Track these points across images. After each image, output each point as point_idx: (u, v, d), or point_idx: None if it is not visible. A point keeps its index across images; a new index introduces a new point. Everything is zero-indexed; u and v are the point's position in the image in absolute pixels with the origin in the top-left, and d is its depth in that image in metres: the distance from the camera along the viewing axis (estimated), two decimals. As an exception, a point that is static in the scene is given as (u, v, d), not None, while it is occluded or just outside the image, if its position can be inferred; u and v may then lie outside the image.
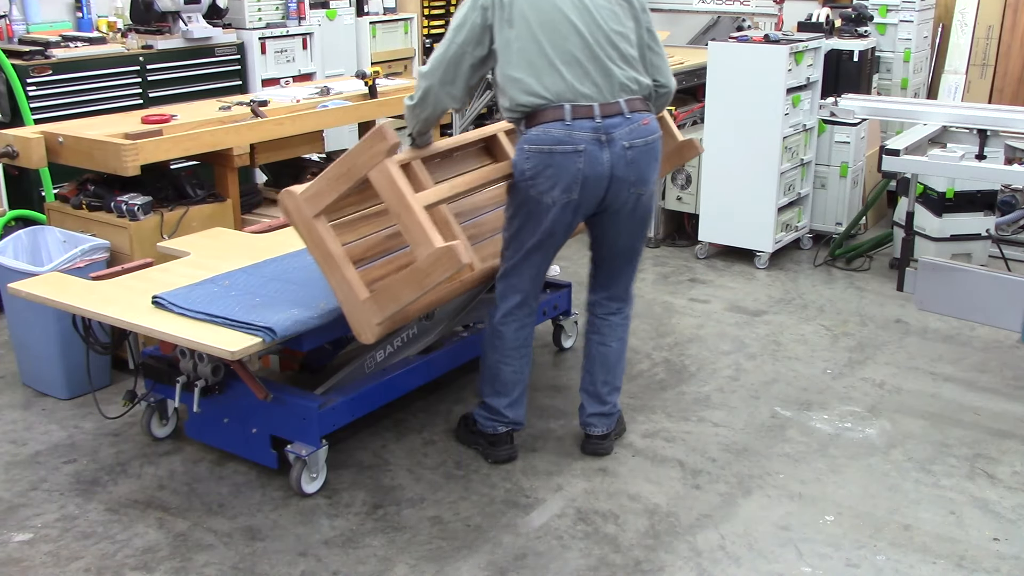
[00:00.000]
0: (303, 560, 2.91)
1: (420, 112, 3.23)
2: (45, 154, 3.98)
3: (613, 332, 3.49)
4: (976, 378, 4.13)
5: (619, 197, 3.19)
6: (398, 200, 2.86)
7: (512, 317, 3.34)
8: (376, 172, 2.86)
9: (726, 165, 5.39)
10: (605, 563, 2.91)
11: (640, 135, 3.15)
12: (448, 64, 3.14)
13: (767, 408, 3.86)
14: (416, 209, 2.84)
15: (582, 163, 3.07)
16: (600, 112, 3.08)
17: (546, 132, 3.07)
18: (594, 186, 3.12)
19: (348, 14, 6.43)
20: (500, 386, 3.40)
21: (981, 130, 4.31)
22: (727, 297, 5.05)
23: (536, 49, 3.06)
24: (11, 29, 5.13)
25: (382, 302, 2.93)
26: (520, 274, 3.30)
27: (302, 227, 2.99)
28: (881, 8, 6.36)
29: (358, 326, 2.99)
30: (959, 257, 4.96)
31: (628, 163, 3.13)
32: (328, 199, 2.95)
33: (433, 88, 3.17)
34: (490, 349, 3.40)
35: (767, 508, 3.20)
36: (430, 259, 2.81)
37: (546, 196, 3.11)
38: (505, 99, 3.14)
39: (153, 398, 3.52)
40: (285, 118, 4.42)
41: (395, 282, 2.92)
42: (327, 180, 2.94)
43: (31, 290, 3.25)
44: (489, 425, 3.44)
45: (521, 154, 3.13)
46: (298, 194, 2.96)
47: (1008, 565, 2.93)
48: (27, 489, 3.28)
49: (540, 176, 3.09)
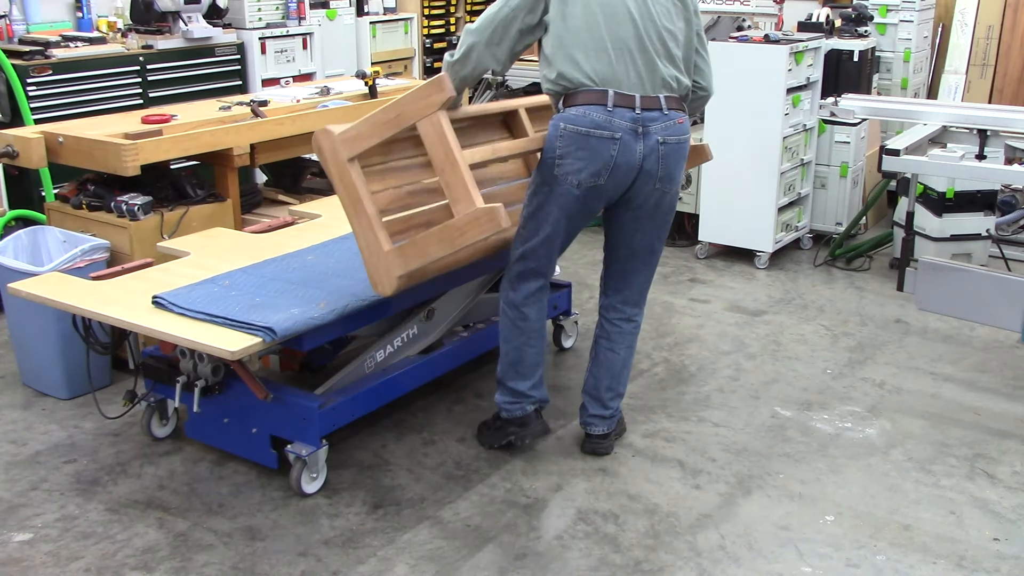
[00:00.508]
0: (303, 560, 2.91)
1: (460, 69, 3.19)
2: (45, 154, 3.97)
3: (623, 339, 3.47)
4: (976, 378, 4.13)
5: (643, 191, 3.19)
6: (445, 154, 2.80)
7: (535, 299, 3.34)
8: (427, 123, 2.80)
9: (726, 165, 5.38)
10: (605, 563, 2.91)
11: (674, 133, 3.16)
12: (498, 25, 3.13)
13: (767, 408, 3.86)
14: (462, 166, 2.80)
15: (616, 151, 3.07)
16: (640, 104, 3.09)
17: (585, 114, 3.06)
18: (623, 175, 3.12)
19: (348, 14, 6.43)
20: (524, 368, 3.39)
21: (981, 130, 4.31)
22: (727, 297, 5.05)
23: (590, 29, 3.07)
24: (11, 29, 5.13)
25: (409, 255, 2.89)
26: (538, 256, 3.29)
27: (334, 168, 2.92)
28: (881, 8, 6.36)
29: (377, 276, 2.95)
30: (959, 257, 4.96)
31: (660, 158, 3.14)
32: (368, 143, 2.89)
33: (478, 46, 3.15)
34: (514, 333, 3.36)
35: (767, 508, 3.20)
36: (469, 217, 2.78)
37: (572, 176, 3.10)
38: (551, 71, 3.13)
39: (153, 398, 3.52)
40: (285, 118, 4.41)
41: (427, 238, 2.87)
42: (371, 124, 2.87)
43: (31, 290, 3.25)
44: (517, 409, 3.43)
45: (555, 131, 3.11)
46: (336, 134, 2.89)
47: (1008, 565, 2.93)
48: (27, 489, 3.28)
49: (570, 156, 3.08)
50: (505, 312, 3.39)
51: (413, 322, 3.69)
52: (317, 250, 3.63)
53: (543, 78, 3.19)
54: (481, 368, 4.04)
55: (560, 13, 3.09)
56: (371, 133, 2.88)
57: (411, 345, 3.69)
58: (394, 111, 2.86)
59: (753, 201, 5.37)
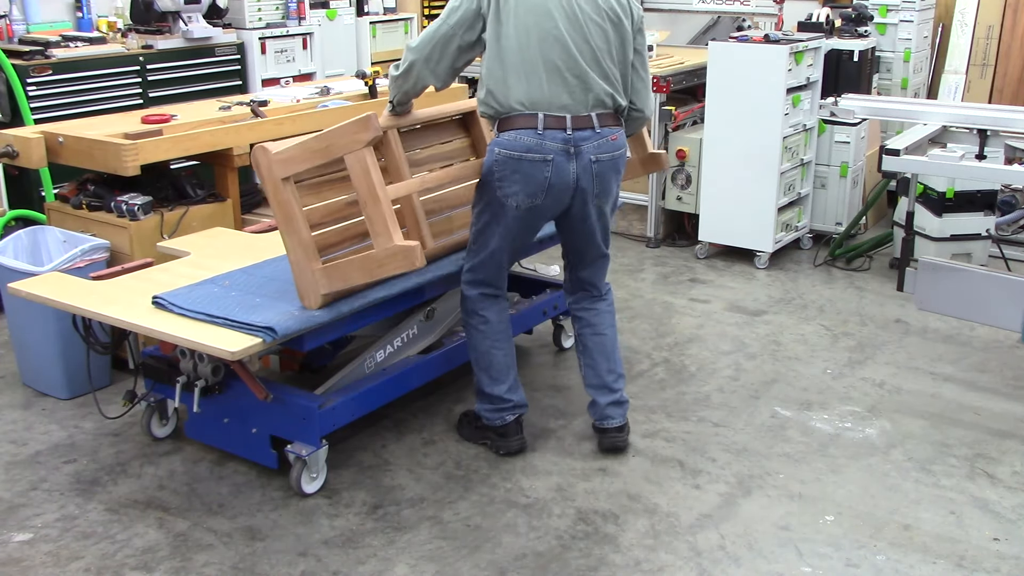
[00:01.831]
0: (303, 560, 2.91)
1: (402, 84, 3.32)
2: (45, 154, 3.98)
3: (603, 320, 3.54)
4: (976, 378, 4.13)
5: (582, 209, 3.29)
6: (368, 190, 2.93)
7: (489, 302, 3.43)
8: (352, 158, 2.94)
9: (726, 165, 5.39)
10: (605, 563, 2.91)
11: (607, 150, 3.23)
12: (437, 42, 3.21)
13: (767, 408, 3.86)
14: (384, 202, 2.93)
15: (549, 172, 3.16)
16: (572, 124, 3.16)
17: (518, 138, 3.15)
18: (559, 194, 3.22)
19: (348, 14, 6.43)
20: (496, 372, 3.44)
21: (981, 130, 4.31)
22: (727, 297, 5.05)
23: (522, 51, 3.12)
24: (11, 29, 5.13)
25: (333, 277, 3.04)
26: (486, 269, 3.39)
27: (269, 185, 3.05)
28: (881, 8, 6.35)
29: (304, 291, 3.09)
30: (959, 257, 4.96)
31: (593, 176, 3.22)
32: (299, 167, 3.03)
33: (417, 63, 3.24)
34: (479, 337, 3.44)
35: (767, 508, 3.20)
36: (387, 252, 2.92)
37: (511, 199, 3.20)
38: (482, 91, 3.21)
39: (153, 398, 3.52)
40: (285, 118, 4.41)
41: (349, 264, 3.02)
42: (303, 150, 3.01)
43: (31, 290, 3.25)
44: (496, 417, 3.47)
45: (491, 156, 3.22)
46: (272, 153, 3.02)
47: (1008, 565, 2.93)
48: (27, 489, 3.28)
49: (507, 180, 3.19)
50: (466, 320, 3.48)
51: (413, 322, 3.69)
52: (317, 250, 3.63)
53: (477, 97, 3.28)
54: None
55: (495, 33, 3.15)
56: (302, 158, 3.02)
57: (411, 345, 3.69)
58: (324, 142, 2.99)
59: (753, 201, 5.37)
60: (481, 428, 3.53)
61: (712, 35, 7.22)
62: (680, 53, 6.63)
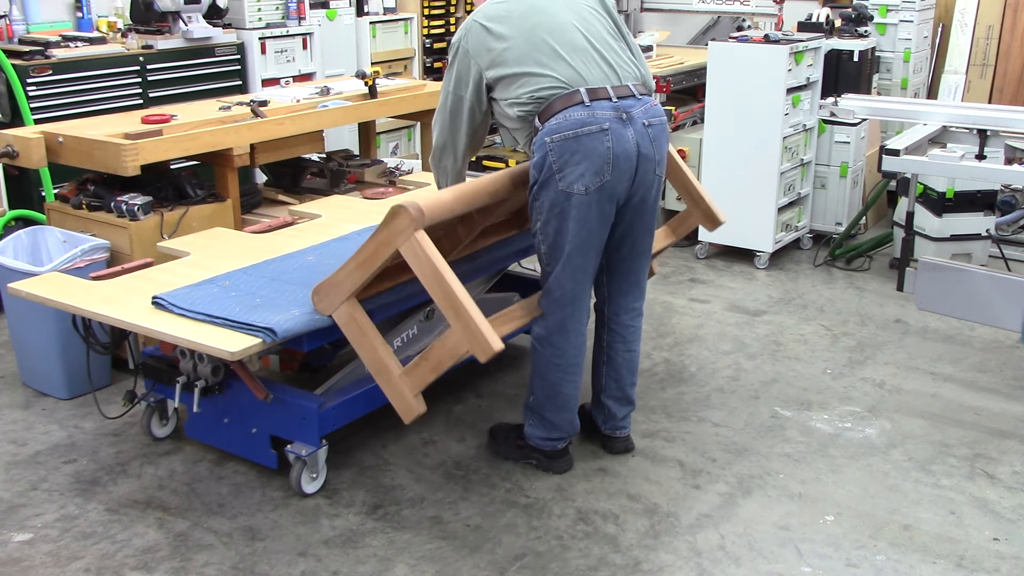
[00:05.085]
0: (303, 560, 2.91)
1: (443, 160, 3.30)
2: (45, 154, 3.98)
3: (636, 336, 3.45)
4: (976, 378, 4.13)
5: (646, 179, 3.13)
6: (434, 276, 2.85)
7: (566, 329, 3.19)
8: (407, 247, 2.83)
9: (726, 165, 5.39)
10: (605, 563, 2.91)
11: (655, 115, 3.14)
12: (449, 114, 3.21)
13: (767, 408, 3.86)
14: (461, 296, 2.81)
15: (610, 141, 2.99)
16: (615, 94, 3.05)
17: (567, 117, 2.98)
18: (624, 165, 3.02)
19: (348, 14, 6.42)
20: (562, 401, 3.27)
21: (981, 130, 4.31)
22: (727, 297, 5.05)
23: (538, 45, 3.06)
24: (11, 29, 5.12)
25: (415, 378, 2.97)
26: (562, 285, 3.13)
27: (338, 320, 3.02)
28: (881, 8, 6.36)
29: (395, 399, 3.01)
30: (959, 257, 4.96)
31: (651, 141, 3.10)
32: (353, 287, 2.97)
33: (444, 136, 3.25)
34: (550, 368, 3.22)
35: (767, 508, 3.20)
36: (477, 350, 2.82)
37: (576, 184, 2.98)
38: (516, 106, 3.08)
39: (153, 398, 3.52)
40: (285, 118, 4.41)
41: (428, 364, 2.95)
42: (348, 272, 2.94)
43: (31, 290, 3.25)
44: (548, 444, 3.34)
45: (541, 149, 3.01)
46: (323, 286, 2.97)
47: (1008, 565, 2.93)
48: (27, 489, 3.28)
49: (568, 164, 2.98)
50: (536, 349, 3.25)
51: (413, 322, 3.69)
52: (317, 250, 3.63)
53: (511, 116, 3.11)
54: (481, 368, 4.03)
55: (499, 58, 3.07)
56: (353, 278, 2.95)
57: (411, 345, 3.69)
58: (369, 248, 2.90)
59: (753, 201, 5.37)
60: (525, 448, 3.39)
61: (712, 35, 7.23)
62: (680, 53, 6.64)
